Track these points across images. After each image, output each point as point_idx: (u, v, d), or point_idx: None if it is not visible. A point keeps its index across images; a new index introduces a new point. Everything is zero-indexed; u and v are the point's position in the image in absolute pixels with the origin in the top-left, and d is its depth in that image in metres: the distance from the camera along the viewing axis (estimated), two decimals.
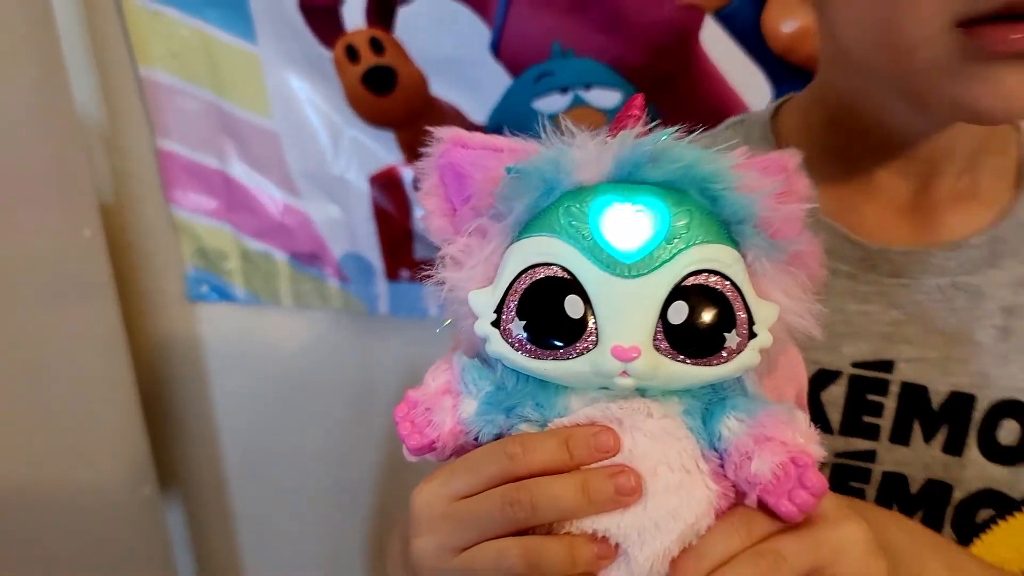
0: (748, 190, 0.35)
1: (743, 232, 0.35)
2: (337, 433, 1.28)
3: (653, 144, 0.35)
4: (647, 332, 0.34)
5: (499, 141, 0.38)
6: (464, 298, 0.37)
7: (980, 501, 0.53)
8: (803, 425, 0.35)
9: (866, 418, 0.54)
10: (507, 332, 0.35)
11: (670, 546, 0.34)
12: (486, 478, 0.36)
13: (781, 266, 0.36)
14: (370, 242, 1.10)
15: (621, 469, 0.34)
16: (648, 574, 0.34)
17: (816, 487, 0.33)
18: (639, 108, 0.37)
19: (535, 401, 0.36)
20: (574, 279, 0.34)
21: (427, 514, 0.37)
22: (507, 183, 0.36)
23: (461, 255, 0.37)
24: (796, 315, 0.36)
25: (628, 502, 0.34)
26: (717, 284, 0.34)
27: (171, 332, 1.25)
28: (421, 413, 0.37)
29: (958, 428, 0.53)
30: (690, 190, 0.35)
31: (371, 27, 0.96)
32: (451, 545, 0.36)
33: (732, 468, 0.35)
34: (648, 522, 0.34)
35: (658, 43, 0.91)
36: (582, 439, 0.35)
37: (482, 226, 0.37)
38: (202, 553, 1.43)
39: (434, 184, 0.39)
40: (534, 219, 0.36)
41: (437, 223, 0.39)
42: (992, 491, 0.53)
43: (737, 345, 0.34)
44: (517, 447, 0.35)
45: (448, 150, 0.38)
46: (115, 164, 1.14)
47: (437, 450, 0.37)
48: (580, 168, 0.35)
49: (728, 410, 0.35)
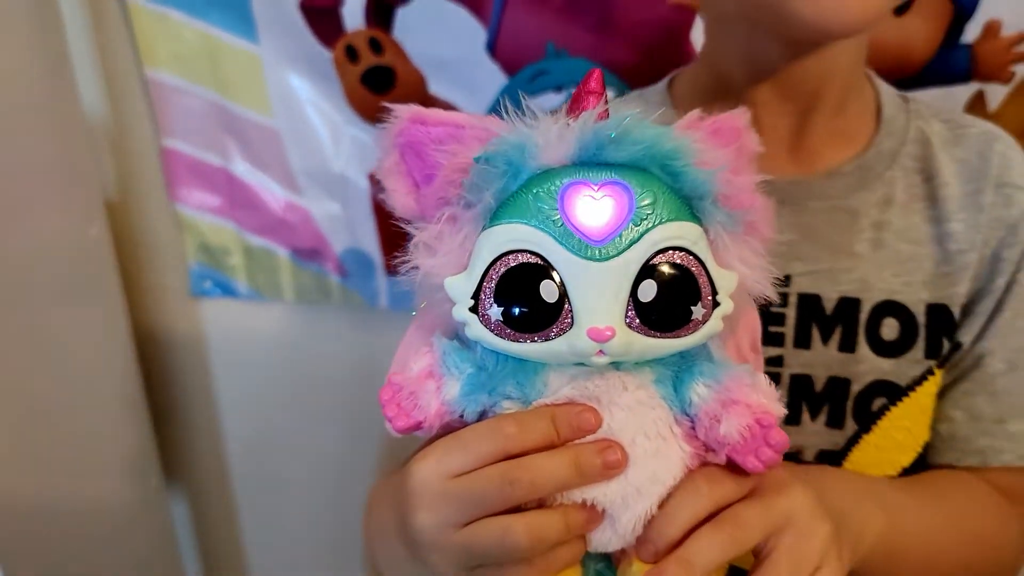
0: (707, 165, 0.37)
1: (703, 207, 0.37)
2: (339, 425, 1.30)
3: (615, 126, 0.36)
4: (619, 311, 0.35)
5: (459, 117, 0.39)
6: (439, 284, 0.38)
7: (874, 391, 0.61)
8: (764, 385, 0.37)
9: (772, 328, 0.61)
10: (485, 317, 0.37)
11: (651, 507, 0.37)
12: (482, 456, 0.37)
13: (738, 235, 0.38)
14: (370, 238, 1.12)
15: (608, 444, 0.37)
16: (631, 533, 0.37)
17: (779, 444, 0.36)
18: (597, 83, 0.38)
19: (515, 380, 0.38)
20: (547, 264, 0.35)
21: (426, 491, 0.38)
22: (475, 172, 0.37)
23: (434, 242, 0.38)
24: (754, 280, 0.39)
25: (615, 474, 0.37)
26: (682, 260, 0.36)
27: (175, 327, 1.27)
28: (406, 396, 0.38)
29: (849, 328, 0.61)
30: (652, 168, 0.36)
31: (370, 27, 0.98)
32: (452, 522, 0.38)
33: (703, 430, 0.37)
34: (631, 488, 0.37)
35: (650, 42, 0.93)
36: (566, 418, 0.37)
37: (453, 214, 0.38)
38: (206, 545, 1.45)
39: (395, 162, 0.40)
40: (504, 204, 0.37)
41: (401, 201, 0.40)
42: (883, 381, 0.61)
43: (703, 316, 0.36)
44: (512, 427, 0.37)
45: (407, 128, 0.39)
46: (120, 163, 1.16)
47: (424, 429, 0.39)
48: (545, 151, 0.36)
49: (696, 376, 0.38)
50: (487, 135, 0.38)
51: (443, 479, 0.38)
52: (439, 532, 0.38)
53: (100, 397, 1.13)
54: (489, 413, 0.39)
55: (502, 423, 0.38)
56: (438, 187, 0.39)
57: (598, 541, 0.38)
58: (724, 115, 0.39)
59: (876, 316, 0.61)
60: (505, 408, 0.38)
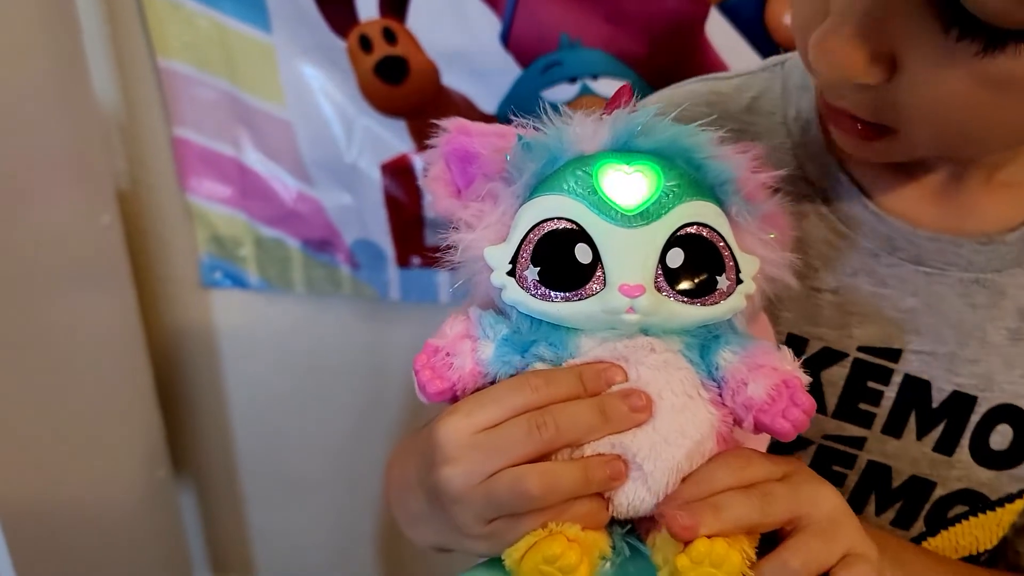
0: (726, 159, 0.39)
1: (725, 192, 0.40)
2: (348, 417, 1.30)
3: (644, 118, 0.39)
4: (650, 273, 0.37)
5: (501, 128, 0.42)
6: (479, 255, 0.39)
7: (958, 499, 0.53)
8: (788, 356, 0.39)
9: (862, 405, 0.52)
10: (522, 279, 0.38)
11: (681, 461, 0.37)
12: (510, 408, 0.38)
13: (758, 224, 0.40)
14: (381, 229, 1.12)
15: (633, 390, 0.38)
16: (665, 487, 0.37)
17: (807, 405, 0.37)
18: (628, 95, 0.41)
19: (548, 341, 0.39)
20: (582, 230, 0.38)
21: (453, 444, 0.38)
22: (517, 151, 0.40)
23: (474, 219, 0.40)
24: (774, 266, 0.40)
25: (641, 419, 0.37)
26: (707, 235, 0.38)
27: (186, 318, 1.27)
28: (442, 358, 0.39)
29: (954, 428, 0.52)
30: (677, 158, 0.39)
31: (384, 17, 0.98)
32: (478, 472, 0.38)
33: (730, 395, 0.38)
34: (658, 438, 0.37)
35: (664, 34, 0.93)
36: (593, 373, 0.38)
37: (493, 190, 0.40)
38: (214, 535, 1.45)
39: (440, 170, 0.42)
40: (541, 183, 0.40)
41: (444, 204, 0.42)
42: (972, 491, 0.53)
43: (728, 288, 0.38)
44: (538, 379, 0.38)
45: (453, 138, 0.42)
46: (132, 152, 1.16)
47: (457, 393, 0.39)
48: (581, 140, 0.39)
49: (723, 344, 0.39)
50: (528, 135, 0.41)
51: (471, 432, 0.38)
52: (465, 483, 0.38)
53: (110, 386, 1.14)
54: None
55: (528, 377, 0.38)
56: (480, 166, 0.41)
57: (629, 501, 0.38)
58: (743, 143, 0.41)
59: (989, 420, 0.51)
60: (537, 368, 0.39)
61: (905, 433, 0.52)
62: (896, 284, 0.51)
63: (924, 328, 0.51)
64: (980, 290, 0.50)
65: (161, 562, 1.29)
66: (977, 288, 0.50)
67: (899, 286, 0.51)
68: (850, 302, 0.52)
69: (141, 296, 1.19)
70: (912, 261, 0.50)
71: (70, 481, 1.06)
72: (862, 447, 0.53)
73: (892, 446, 0.53)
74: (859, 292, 0.51)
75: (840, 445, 0.53)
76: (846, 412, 0.53)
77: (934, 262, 0.50)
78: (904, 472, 0.53)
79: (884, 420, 0.52)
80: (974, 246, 0.50)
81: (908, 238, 0.50)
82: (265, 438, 1.35)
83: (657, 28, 0.93)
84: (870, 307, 0.51)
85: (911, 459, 0.53)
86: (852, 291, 0.52)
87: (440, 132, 0.42)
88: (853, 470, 0.54)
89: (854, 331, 0.52)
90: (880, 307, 0.51)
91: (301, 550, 1.44)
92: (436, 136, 0.42)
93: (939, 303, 0.51)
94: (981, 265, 0.50)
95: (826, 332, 0.52)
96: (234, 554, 1.47)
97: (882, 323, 0.51)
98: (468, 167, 0.42)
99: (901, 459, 0.53)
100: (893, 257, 0.50)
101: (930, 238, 0.50)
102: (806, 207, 0.52)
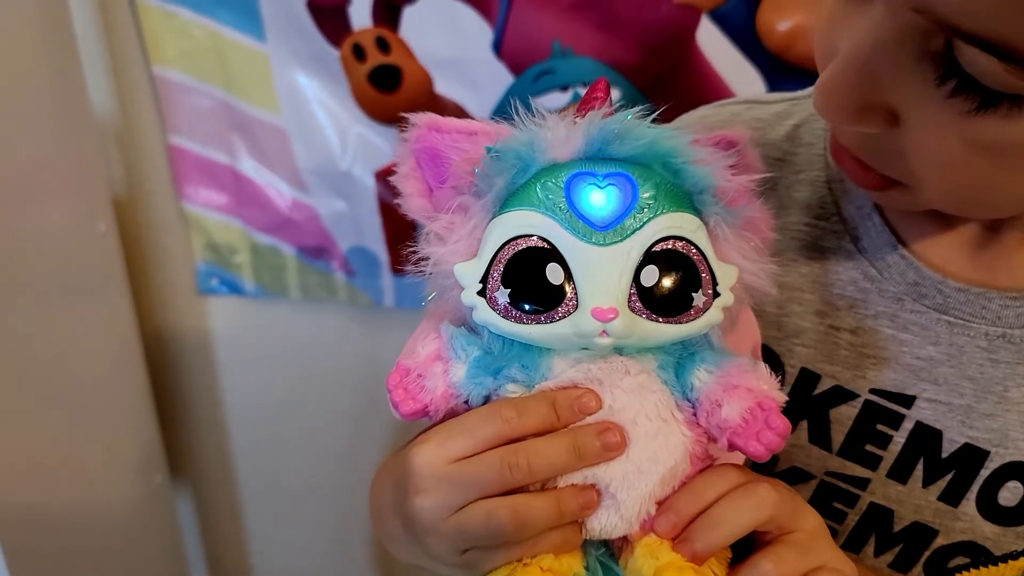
0: (705, 164, 0.38)
1: (703, 201, 0.38)
2: (344, 423, 1.30)
3: (619, 123, 0.37)
4: (623, 294, 0.36)
5: (472, 124, 0.40)
6: (450, 271, 0.38)
7: (960, 550, 0.52)
8: (765, 374, 0.38)
9: (869, 447, 0.52)
10: (493, 300, 0.37)
11: (654, 488, 0.37)
12: (481, 440, 0.38)
13: (737, 231, 0.39)
14: (376, 236, 1.13)
15: (607, 426, 0.37)
16: (637, 514, 0.38)
17: (781, 428, 0.36)
18: (603, 90, 0.40)
19: (521, 363, 0.39)
20: (553, 248, 0.36)
21: (426, 474, 0.38)
22: (486, 162, 0.38)
23: (445, 231, 0.39)
24: (753, 275, 0.39)
25: (614, 456, 0.37)
26: (683, 249, 0.37)
27: (182, 324, 1.28)
28: (414, 380, 0.39)
29: (962, 480, 0.51)
30: (654, 164, 0.38)
31: (377, 26, 0.98)
32: (449, 505, 0.38)
33: (704, 416, 0.38)
34: (631, 467, 0.37)
35: (655, 42, 0.94)
36: (567, 402, 0.37)
37: (463, 203, 0.39)
38: (211, 540, 1.46)
39: (411, 167, 0.41)
40: (512, 195, 0.38)
41: (416, 203, 0.41)
42: (976, 544, 0.52)
43: (704, 304, 0.37)
44: (511, 411, 0.37)
45: (423, 135, 0.40)
46: (128, 160, 1.17)
47: (430, 413, 0.39)
48: (553, 147, 0.38)
49: (698, 363, 0.38)
50: (499, 136, 0.39)
51: (443, 463, 0.38)
52: (436, 516, 0.38)
53: (106, 393, 1.14)
54: (493, 398, 0.39)
55: (501, 407, 0.38)
56: (450, 180, 0.40)
57: (601, 526, 0.38)
58: (724, 131, 0.40)
59: (1000, 476, 0.50)
60: (509, 391, 0.39)
61: (911, 480, 0.51)
62: (918, 331, 0.50)
63: (942, 378, 0.50)
64: (1006, 345, 0.49)
65: (158, 567, 1.29)
66: (1002, 343, 0.49)
67: (920, 333, 0.50)
68: (868, 344, 0.51)
69: (137, 303, 1.20)
70: (937, 310, 0.49)
71: (66, 486, 1.06)
72: (865, 488, 0.52)
73: (896, 491, 0.52)
74: (878, 335, 0.51)
75: (843, 483, 0.52)
76: (852, 452, 0.52)
77: (960, 313, 0.49)
78: (906, 518, 0.52)
79: (891, 464, 0.52)
80: (1004, 300, 0.48)
81: (937, 287, 0.49)
82: (261, 444, 1.36)
83: (648, 36, 0.93)
84: (888, 351, 0.51)
85: (915, 506, 0.52)
86: (871, 333, 0.51)
87: (410, 127, 0.40)
88: (854, 510, 0.53)
89: (868, 373, 0.51)
90: (898, 352, 0.50)
91: (297, 555, 1.44)
92: (406, 131, 0.40)
93: (960, 355, 0.49)
94: (1010, 321, 0.49)
95: (840, 371, 0.51)
96: (230, 559, 1.47)
97: (898, 368, 0.50)
98: (440, 165, 0.40)
99: (904, 504, 0.52)
100: (919, 304, 0.49)
101: (959, 288, 0.48)
102: (836, 244, 0.51)
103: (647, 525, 0.38)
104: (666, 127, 0.38)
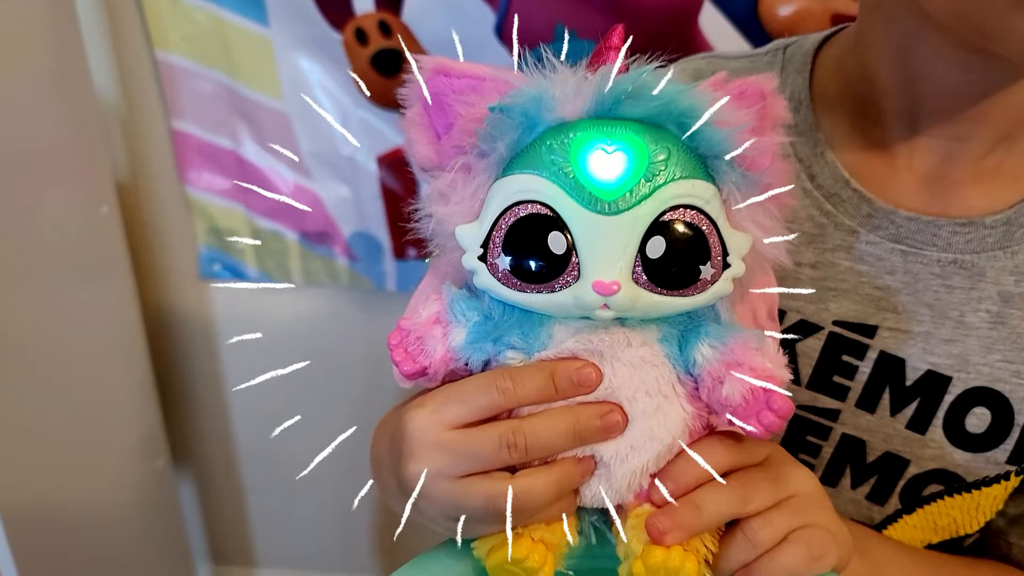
0: (725, 124, 0.35)
1: (718, 166, 0.36)
2: (346, 407, 1.30)
3: (632, 81, 0.35)
4: (627, 267, 0.35)
5: (481, 69, 0.38)
6: (451, 231, 0.37)
7: (933, 478, 0.53)
8: (772, 351, 0.36)
9: (837, 378, 0.53)
10: (493, 266, 0.36)
11: (648, 463, 0.37)
12: (477, 410, 0.37)
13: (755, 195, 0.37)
14: (378, 221, 1.13)
15: (610, 408, 0.37)
16: (626, 488, 0.37)
17: (782, 409, 0.35)
18: (619, 39, 0.38)
19: (521, 330, 0.38)
20: (557, 216, 0.35)
21: (420, 440, 0.38)
22: (490, 121, 0.36)
23: (448, 190, 0.37)
24: (768, 243, 0.37)
25: (614, 436, 0.37)
26: (693, 219, 0.35)
27: (184, 309, 1.28)
28: (413, 341, 0.38)
29: (927, 407, 0.52)
30: (668, 125, 0.35)
31: (380, 10, 0.99)
32: (444, 473, 0.38)
33: (705, 392, 0.37)
34: (625, 444, 0.37)
35: (659, 26, 0.94)
36: (565, 374, 0.37)
37: (467, 163, 0.37)
38: (213, 525, 1.46)
39: (418, 112, 0.39)
40: (518, 156, 0.37)
41: (422, 151, 0.39)
42: (947, 471, 0.52)
43: (711, 276, 0.36)
44: (508, 381, 0.37)
45: (431, 78, 0.38)
46: (131, 145, 1.17)
47: (429, 375, 0.38)
48: (561, 104, 0.35)
49: (702, 337, 0.37)
50: (507, 87, 0.37)
51: (438, 429, 0.38)
52: (430, 481, 0.38)
53: (109, 377, 1.14)
54: (493, 363, 0.39)
55: (498, 377, 0.37)
56: (455, 136, 0.38)
57: (592, 496, 0.38)
58: (751, 78, 0.37)
59: (965, 401, 0.51)
60: (509, 359, 0.38)
61: (879, 409, 0.53)
62: (873, 262, 0.51)
63: (900, 306, 0.51)
64: (958, 271, 0.51)
65: (161, 552, 1.30)
66: (955, 269, 0.51)
67: (876, 264, 0.51)
68: (828, 277, 0.52)
69: (140, 287, 1.20)
70: (891, 239, 0.51)
71: (69, 472, 1.07)
72: (836, 419, 0.53)
73: (866, 420, 0.53)
74: (837, 268, 0.52)
75: (815, 416, 0.53)
76: (821, 384, 0.53)
77: (912, 241, 0.51)
78: (878, 448, 0.53)
79: (858, 394, 0.53)
80: (953, 227, 0.50)
81: (889, 217, 0.50)
82: (263, 426, 1.36)
83: (652, 20, 0.94)
84: (847, 283, 0.52)
85: (885, 435, 0.53)
86: (830, 267, 0.52)
87: (417, 70, 0.38)
88: (828, 442, 0.54)
89: (830, 305, 0.52)
90: (857, 283, 0.52)
91: (300, 539, 1.45)
92: (412, 74, 0.38)
93: (915, 282, 0.51)
94: (960, 247, 0.50)
95: (803, 305, 0.53)
96: (233, 543, 1.48)
97: (858, 299, 0.52)
98: (447, 111, 0.38)
99: (875, 434, 0.53)
100: (873, 235, 0.51)
101: (909, 218, 0.50)
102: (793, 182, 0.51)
103: (642, 495, 0.38)
104: (685, 84, 0.36)
